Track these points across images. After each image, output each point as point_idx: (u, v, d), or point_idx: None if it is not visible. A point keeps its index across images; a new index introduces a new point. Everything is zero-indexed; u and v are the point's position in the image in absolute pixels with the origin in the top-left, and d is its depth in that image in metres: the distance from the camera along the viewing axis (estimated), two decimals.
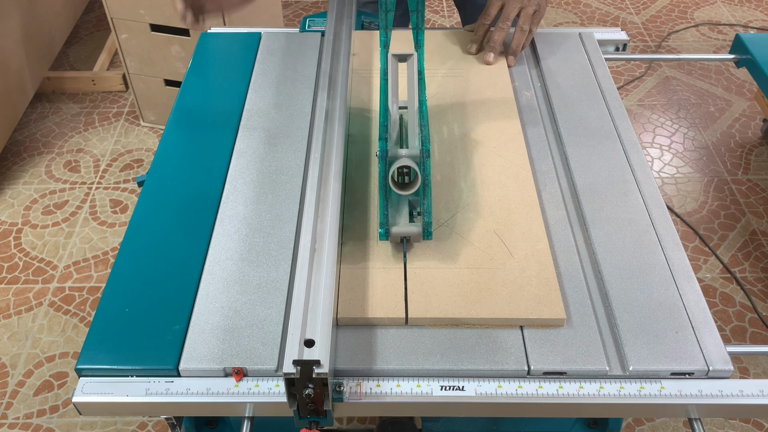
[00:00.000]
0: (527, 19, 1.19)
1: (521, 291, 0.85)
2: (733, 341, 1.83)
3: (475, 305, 0.83)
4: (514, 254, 0.90)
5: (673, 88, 2.67)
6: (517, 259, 0.89)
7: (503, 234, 0.93)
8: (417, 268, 0.88)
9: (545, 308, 0.83)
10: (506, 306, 0.83)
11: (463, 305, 0.83)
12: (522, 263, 0.89)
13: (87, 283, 1.99)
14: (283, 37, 1.31)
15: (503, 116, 1.11)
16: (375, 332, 0.83)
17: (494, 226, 0.94)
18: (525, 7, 1.19)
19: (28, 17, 2.40)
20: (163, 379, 0.79)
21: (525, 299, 0.84)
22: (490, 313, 0.83)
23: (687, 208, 2.20)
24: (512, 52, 1.22)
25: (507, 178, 1.01)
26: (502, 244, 0.91)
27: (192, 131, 1.12)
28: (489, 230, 0.93)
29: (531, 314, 0.82)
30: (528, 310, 0.83)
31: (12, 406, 1.71)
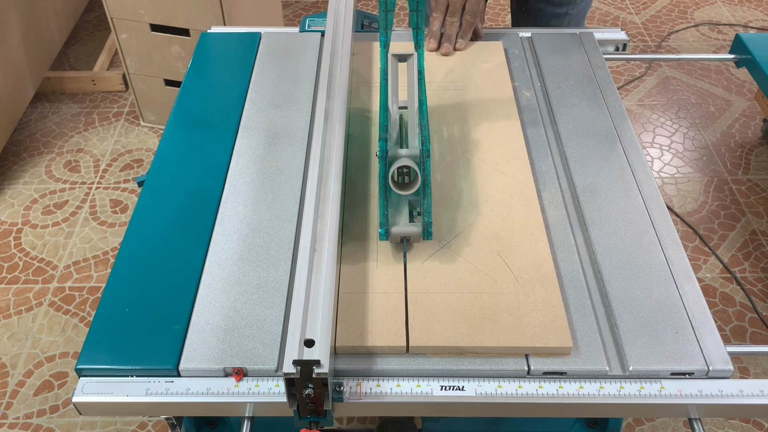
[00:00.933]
0: (471, 11, 1.25)
1: (526, 317, 0.82)
2: (733, 341, 1.83)
3: (479, 333, 0.81)
4: (518, 278, 0.87)
5: (673, 88, 2.67)
6: (522, 283, 0.86)
7: (507, 256, 0.90)
8: (418, 293, 0.86)
9: (551, 336, 0.80)
10: (511, 334, 0.80)
11: (466, 333, 0.81)
12: (527, 288, 0.86)
13: (87, 283, 1.99)
14: (283, 37, 1.31)
15: (503, 117, 1.11)
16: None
17: (498, 247, 0.91)
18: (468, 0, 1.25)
19: (28, 17, 2.40)
20: (163, 379, 0.79)
21: (530, 326, 0.81)
22: (495, 341, 0.80)
23: (687, 208, 2.20)
24: (464, 36, 1.27)
25: (511, 196, 0.98)
26: (507, 267, 0.88)
27: (192, 131, 1.12)
28: (493, 252, 0.90)
29: (536, 342, 0.80)
30: (533, 338, 0.80)
31: (12, 406, 1.71)
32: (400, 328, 0.81)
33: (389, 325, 0.82)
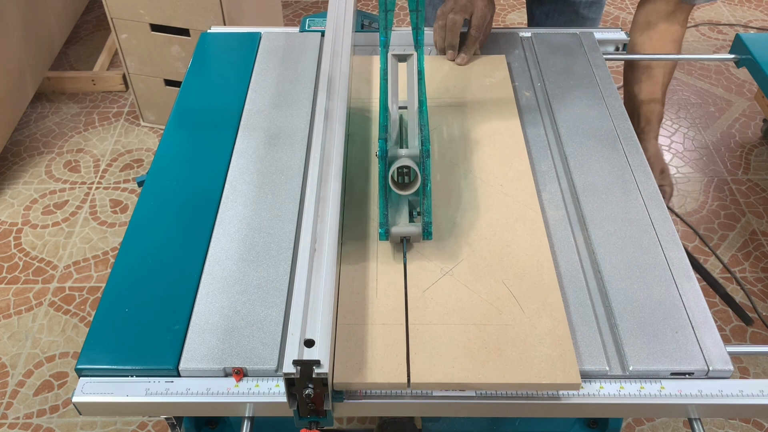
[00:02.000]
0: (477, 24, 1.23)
1: (533, 351, 0.79)
2: (733, 341, 1.83)
3: (483, 368, 0.77)
4: (524, 308, 0.83)
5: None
6: (528, 314, 0.83)
7: (512, 285, 0.86)
8: (419, 324, 0.82)
9: (559, 372, 0.77)
10: (517, 369, 0.77)
11: (470, 368, 0.77)
12: (533, 319, 0.82)
13: (87, 283, 1.99)
14: (283, 37, 1.31)
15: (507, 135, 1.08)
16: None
17: (502, 275, 0.87)
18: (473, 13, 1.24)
19: (28, 17, 2.40)
20: (163, 379, 0.79)
21: (537, 361, 0.78)
22: (500, 378, 0.76)
23: (687, 208, 2.20)
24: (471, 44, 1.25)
25: (515, 220, 0.94)
26: (512, 297, 0.84)
27: (192, 131, 1.12)
28: (497, 280, 0.86)
29: (543, 378, 0.76)
30: (540, 374, 0.76)
31: (12, 406, 1.71)
32: (401, 363, 0.78)
33: (389, 360, 0.78)
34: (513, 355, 0.78)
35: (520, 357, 0.78)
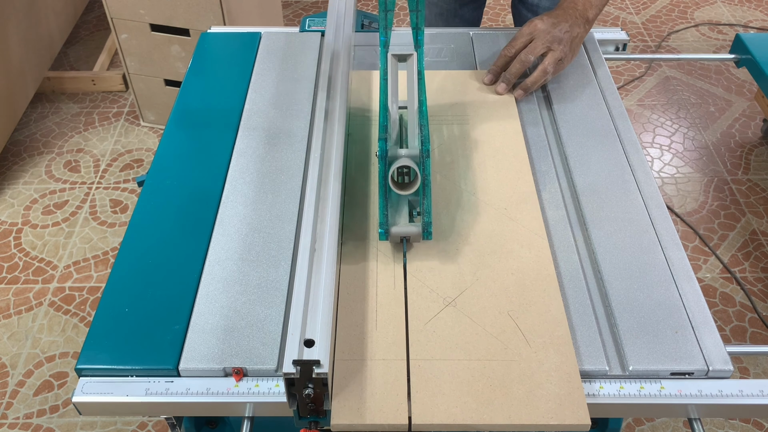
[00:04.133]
0: (552, 63, 1.11)
1: (540, 389, 0.75)
2: (733, 341, 1.83)
3: (488, 408, 0.74)
4: (530, 343, 0.80)
5: (673, 88, 2.67)
6: (535, 348, 0.79)
7: (518, 316, 0.82)
8: (421, 359, 0.78)
9: (568, 412, 0.74)
10: (523, 409, 0.74)
11: (474, 408, 0.74)
12: (540, 354, 0.78)
13: (87, 283, 1.99)
14: (283, 37, 1.31)
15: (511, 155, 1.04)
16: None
17: (508, 306, 0.83)
18: (553, 50, 1.11)
19: (28, 17, 2.40)
20: (163, 379, 0.79)
21: (544, 400, 0.75)
22: (506, 419, 0.73)
23: (687, 208, 2.20)
24: (525, 87, 1.14)
25: (521, 246, 0.90)
26: (517, 330, 0.81)
27: (192, 131, 1.12)
28: (502, 312, 0.83)
29: (551, 419, 0.73)
30: (548, 414, 0.73)
31: (12, 406, 1.71)
32: (402, 402, 0.75)
33: (389, 399, 0.75)
34: (519, 393, 0.75)
35: (526, 396, 0.75)
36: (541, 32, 1.11)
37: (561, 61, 1.12)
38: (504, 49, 1.15)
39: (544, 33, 1.11)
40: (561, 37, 1.11)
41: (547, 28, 1.11)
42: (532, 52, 1.11)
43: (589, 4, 1.15)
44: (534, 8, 1.48)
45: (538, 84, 1.13)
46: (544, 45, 1.11)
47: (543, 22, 1.12)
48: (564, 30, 1.11)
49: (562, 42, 1.11)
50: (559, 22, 1.11)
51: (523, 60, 1.12)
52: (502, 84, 1.15)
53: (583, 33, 1.14)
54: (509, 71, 1.14)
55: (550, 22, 1.11)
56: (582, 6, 1.14)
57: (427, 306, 0.84)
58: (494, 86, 1.17)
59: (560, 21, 1.12)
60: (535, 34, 1.12)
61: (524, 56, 1.12)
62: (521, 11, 1.52)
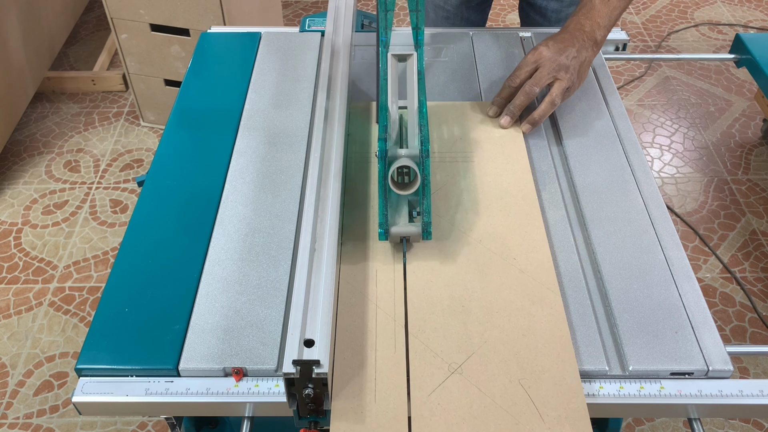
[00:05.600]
0: (560, 93, 1.05)
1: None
2: (733, 341, 1.83)
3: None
4: (544, 417, 0.73)
5: (673, 88, 2.67)
6: (549, 423, 0.72)
7: (530, 385, 0.75)
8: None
9: None
10: None
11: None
12: (554, 430, 0.72)
13: (87, 283, 1.99)
14: (283, 37, 1.31)
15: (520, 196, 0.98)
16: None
17: (519, 373, 0.76)
18: (560, 79, 1.05)
19: (28, 17, 2.40)
20: (162, 379, 0.79)
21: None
22: None
23: (687, 208, 2.20)
24: (532, 121, 1.07)
25: (531, 303, 0.83)
26: (530, 402, 0.74)
27: (192, 131, 1.12)
28: (512, 380, 0.76)
29: None
30: None
31: (12, 406, 1.71)
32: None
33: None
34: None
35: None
36: (547, 60, 1.05)
37: (569, 89, 1.06)
38: (508, 80, 1.09)
39: (549, 61, 1.05)
40: (568, 65, 1.05)
41: (552, 56, 1.05)
42: (538, 83, 1.05)
43: (597, 26, 1.08)
44: (542, 11, 1.47)
45: (546, 116, 1.07)
46: (550, 74, 1.05)
47: (548, 49, 1.05)
48: (571, 56, 1.05)
49: (569, 69, 1.05)
50: (565, 47, 1.05)
51: (528, 92, 1.06)
52: (506, 117, 1.08)
53: (591, 56, 1.08)
54: (513, 104, 1.07)
55: (555, 48, 1.05)
56: (590, 28, 1.08)
57: (431, 373, 0.77)
58: (499, 119, 1.10)
59: (566, 46, 1.05)
60: (540, 62, 1.05)
61: (529, 88, 1.05)
62: (529, 14, 1.52)
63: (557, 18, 1.46)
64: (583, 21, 1.09)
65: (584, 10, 1.10)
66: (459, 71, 1.24)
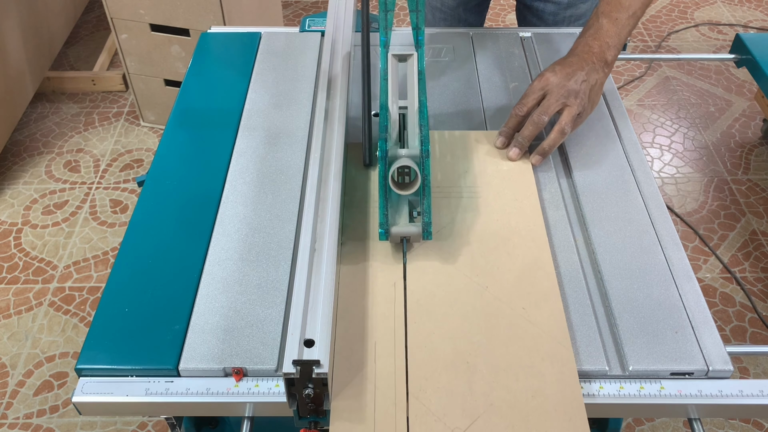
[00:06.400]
0: (570, 121, 1.00)
1: None
2: (733, 341, 1.83)
3: None
4: None
5: (673, 88, 2.67)
6: None
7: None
8: None
9: None
10: None
11: None
12: None
13: (87, 283, 1.99)
14: (283, 37, 1.31)
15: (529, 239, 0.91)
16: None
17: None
18: (569, 106, 0.99)
19: (28, 17, 2.40)
20: (162, 379, 0.79)
21: None
22: None
23: (687, 208, 2.20)
24: (542, 152, 1.02)
25: (542, 360, 0.77)
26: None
27: (192, 131, 1.12)
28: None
29: None
30: None
31: (12, 406, 1.71)
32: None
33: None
34: None
35: None
36: (555, 87, 1.00)
37: (580, 115, 1.01)
38: (515, 108, 1.04)
39: (557, 87, 1.00)
40: (577, 90, 0.99)
41: (560, 82, 1.00)
42: (546, 111, 1.00)
43: (607, 46, 1.03)
44: (539, 14, 1.47)
45: (557, 146, 1.02)
46: (559, 101, 0.99)
47: (555, 74, 1.01)
48: (580, 80, 1.00)
49: (579, 94, 0.99)
50: (573, 71, 1.00)
51: (537, 121, 1.00)
52: (515, 149, 1.02)
53: (602, 78, 1.03)
54: (522, 134, 1.02)
55: (563, 73, 1.00)
56: (598, 49, 1.03)
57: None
58: (506, 150, 1.04)
59: (575, 70, 1.00)
60: (547, 89, 1.01)
61: (537, 117, 1.00)
62: (526, 16, 1.51)
63: (554, 21, 1.46)
64: (591, 42, 1.04)
65: (591, 31, 1.05)
66: (459, 71, 1.24)
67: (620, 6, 1.04)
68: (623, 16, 1.04)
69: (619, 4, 1.04)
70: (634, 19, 1.05)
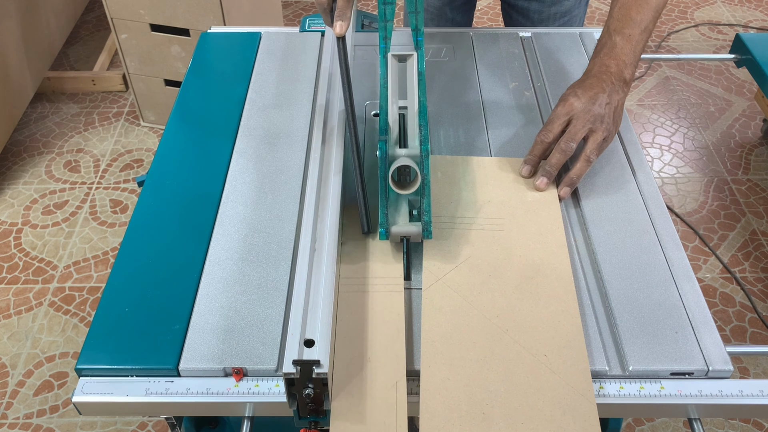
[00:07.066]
0: (596, 147, 0.97)
1: None
2: (733, 341, 1.83)
3: None
4: None
5: (673, 88, 2.67)
6: None
7: None
8: None
9: None
10: None
11: None
12: None
13: (87, 283, 1.99)
14: (283, 37, 1.31)
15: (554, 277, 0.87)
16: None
17: None
18: (595, 131, 0.97)
19: (28, 17, 2.40)
20: (163, 379, 0.79)
21: None
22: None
23: (687, 208, 2.20)
24: (570, 183, 0.98)
25: (563, 413, 0.72)
26: None
27: (192, 131, 1.12)
28: None
29: None
30: None
31: (12, 406, 1.71)
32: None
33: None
34: None
35: None
36: (580, 112, 0.98)
37: (605, 140, 0.99)
38: (540, 135, 1.01)
39: (583, 113, 0.98)
40: (603, 114, 0.97)
41: (585, 107, 0.98)
42: (573, 138, 0.97)
43: (624, 64, 1.01)
44: (525, 12, 1.47)
45: (583, 175, 0.99)
46: (585, 127, 0.97)
47: (579, 99, 0.98)
48: (604, 103, 0.98)
49: (604, 119, 0.97)
50: (596, 94, 0.98)
51: (564, 149, 0.98)
52: (543, 179, 0.99)
53: (623, 98, 1.01)
54: (549, 163, 0.99)
55: (586, 97, 0.98)
56: (616, 68, 1.01)
57: None
58: (533, 179, 1.01)
59: (597, 93, 0.98)
60: (572, 114, 0.98)
61: (565, 145, 0.97)
62: (512, 15, 1.51)
63: (539, 18, 1.46)
64: (607, 62, 1.02)
65: (606, 50, 1.04)
66: (459, 71, 1.24)
67: (631, 21, 1.02)
68: (636, 32, 1.02)
69: (630, 20, 1.02)
70: (646, 34, 1.03)
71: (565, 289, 0.84)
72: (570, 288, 0.85)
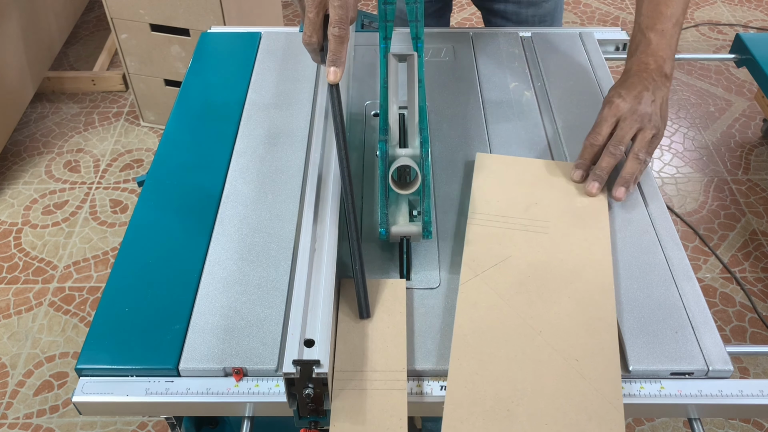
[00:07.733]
0: (644, 145, 0.96)
1: None
2: (733, 341, 1.83)
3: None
4: None
5: (673, 88, 2.67)
6: None
7: None
8: None
9: None
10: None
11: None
12: None
13: (87, 283, 1.99)
14: (283, 37, 1.31)
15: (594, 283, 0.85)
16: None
17: None
18: (643, 129, 0.96)
19: (28, 17, 2.40)
20: (163, 378, 0.79)
21: None
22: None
23: (687, 208, 2.20)
24: (624, 183, 0.95)
25: (588, 420, 0.71)
26: None
27: (192, 131, 1.12)
28: None
29: None
30: None
31: (12, 406, 1.71)
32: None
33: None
34: None
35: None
36: (627, 113, 0.97)
37: (655, 137, 0.97)
38: (589, 138, 0.99)
39: (630, 113, 0.97)
40: (650, 112, 0.96)
41: (632, 107, 0.97)
42: (622, 140, 0.96)
43: (662, 60, 1.01)
44: (503, 14, 1.46)
45: (636, 173, 0.96)
46: (633, 127, 0.96)
47: (624, 100, 0.97)
48: (650, 101, 0.97)
49: (652, 117, 0.96)
50: (640, 92, 0.97)
51: (614, 152, 0.96)
52: (595, 183, 0.96)
53: (667, 93, 1.00)
54: (600, 167, 0.96)
55: (631, 96, 0.97)
56: (655, 64, 1.01)
57: None
58: (584, 184, 0.98)
59: (641, 91, 0.97)
60: (620, 115, 0.97)
61: (614, 148, 0.96)
62: (490, 19, 1.50)
63: (518, 20, 1.45)
64: (645, 59, 1.01)
65: (642, 47, 1.03)
66: (459, 71, 1.24)
67: (662, 16, 1.02)
68: (668, 26, 1.02)
69: (661, 15, 1.02)
70: (678, 27, 1.03)
71: (605, 297, 0.83)
72: (610, 297, 0.83)
